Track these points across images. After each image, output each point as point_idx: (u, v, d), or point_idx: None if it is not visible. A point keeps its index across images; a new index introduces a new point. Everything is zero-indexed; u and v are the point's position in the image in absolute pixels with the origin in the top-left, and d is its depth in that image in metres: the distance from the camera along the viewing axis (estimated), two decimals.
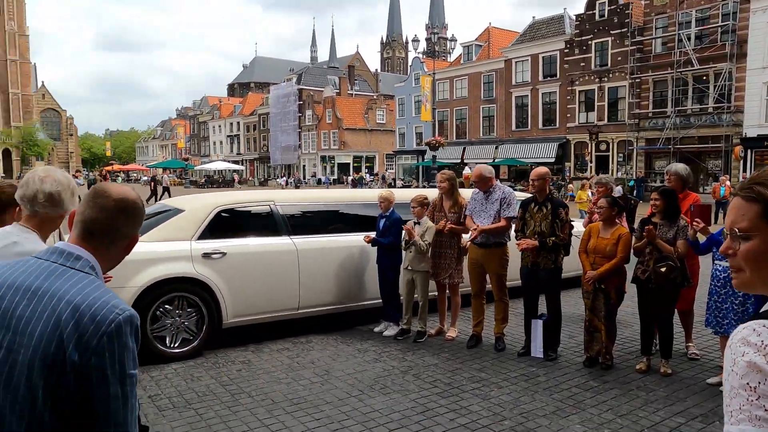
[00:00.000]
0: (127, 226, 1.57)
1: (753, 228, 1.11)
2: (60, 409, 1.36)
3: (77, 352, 1.34)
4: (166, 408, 4.43)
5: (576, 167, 38.90)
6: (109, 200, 1.54)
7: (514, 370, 5.29)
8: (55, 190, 2.23)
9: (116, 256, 1.60)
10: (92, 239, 1.52)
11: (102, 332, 1.35)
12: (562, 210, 5.53)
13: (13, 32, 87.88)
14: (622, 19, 35.64)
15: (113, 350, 1.36)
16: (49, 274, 1.43)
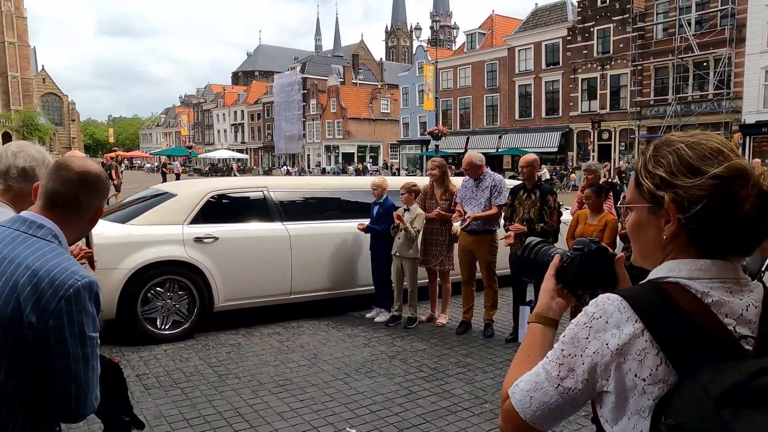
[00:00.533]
0: (89, 198, 1.60)
1: (632, 200, 1.11)
2: (17, 370, 1.42)
3: (35, 315, 1.39)
4: (153, 387, 4.51)
5: (579, 156, 38.77)
6: (71, 173, 1.57)
7: (500, 356, 5.34)
8: (29, 165, 2.26)
9: (81, 227, 1.64)
10: (55, 210, 1.56)
11: (60, 296, 1.40)
12: (551, 197, 5.56)
13: (10, 13, 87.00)
14: (623, 4, 35.25)
15: (71, 313, 1.41)
16: (11, 240, 1.47)
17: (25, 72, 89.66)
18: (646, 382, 0.97)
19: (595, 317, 1.01)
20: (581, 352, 1.02)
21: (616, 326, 0.99)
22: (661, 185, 1.03)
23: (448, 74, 47.97)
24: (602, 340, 1.00)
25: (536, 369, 1.09)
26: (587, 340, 1.01)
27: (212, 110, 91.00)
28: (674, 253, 1.06)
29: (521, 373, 1.12)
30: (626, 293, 1.02)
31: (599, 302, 1.03)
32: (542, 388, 1.06)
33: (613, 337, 0.98)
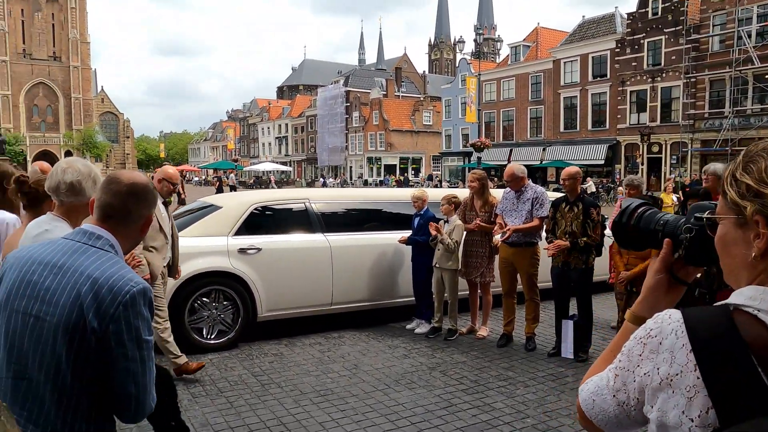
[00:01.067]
0: (138, 208, 1.72)
1: (719, 211, 1.00)
2: (81, 371, 1.53)
3: (96, 320, 1.50)
4: (199, 395, 4.62)
5: (626, 169, 37.89)
6: (121, 185, 1.70)
7: (542, 370, 5.27)
8: (76, 180, 2.39)
9: (134, 236, 1.76)
10: (109, 221, 1.68)
11: (118, 302, 1.51)
12: (594, 210, 5.48)
13: (75, 40, 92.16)
14: (677, 16, 34.56)
15: (129, 318, 1.52)
16: (73, 251, 1.60)
17: (86, 93, 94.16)
18: (694, 423, 0.85)
19: (651, 335, 0.93)
20: (633, 368, 0.96)
21: (670, 351, 0.90)
22: (746, 194, 0.91)
23: (491, 86, 47.77)
24: (654, 362, 0.92)
25: (605, 372, 1.04)
26: (640, 358, 0.95)
27: (257, 124, 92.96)
28: (763, 276, 0.91)
29: (599, 371, 1.08)
30: (690, 315, 0.92)
31: (659, 318, 0.95)
32: (603, 395, 1.02)
33: (665, 363, 0.90)
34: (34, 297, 1.55)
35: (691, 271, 1.14)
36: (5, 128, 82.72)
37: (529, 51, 45.81)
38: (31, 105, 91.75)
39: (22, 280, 1.58)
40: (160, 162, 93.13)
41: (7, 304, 1.59)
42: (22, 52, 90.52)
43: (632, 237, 1.19)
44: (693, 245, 1.06)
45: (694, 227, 1.05)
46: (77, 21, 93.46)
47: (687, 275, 1.13)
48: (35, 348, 1.53)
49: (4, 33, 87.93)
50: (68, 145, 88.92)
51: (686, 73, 33.90)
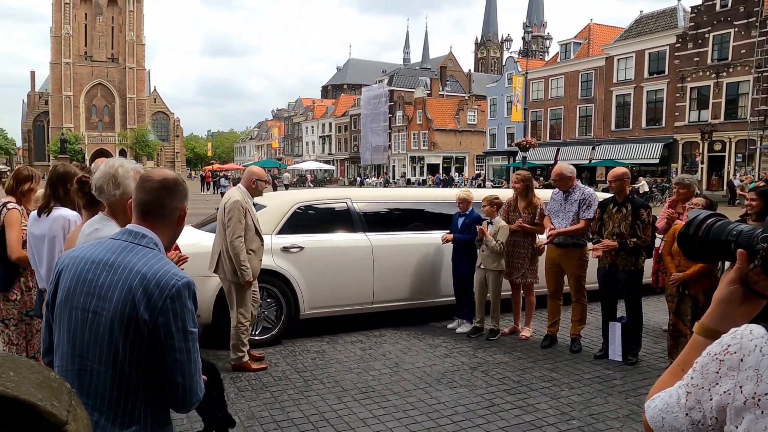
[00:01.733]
0: (172, 200, 1.82)
1: None
2: (137, 361, 1.64)
3: (147, 313, 1.61)
4: (245, 389, 4.71)
5: (684, 168, 36.64)
6: (153, 182, 1.81)
7: (588, 372, 5.15)
8: (98, 182, 2.51)
9: (172, 230, 1.86)
10: (148, 218, 1.79)
11: (166, 295, 1.62)
12: (644, 211, 5.32)
13: (132, 42, 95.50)
14: (749, 8, 32.98)
15: (176, 310, 1.63)
16: (122, 250, 1.72)
17: (140, 93, 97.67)
18: None
19: (730, 351, 0.89)
20: (710, 386, 0.91)
21: (755, 369, 0.85)
22: None
23: (539, 85, 47.03)
24: (736, 380, 0.87)
25: (674, 388, 1.00)
26: (717, 375, 0.90)
27: (302, 123, 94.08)
28: None
29: (666, 386, 1.04)
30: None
31: (738, 334, 0.90)
32: (673, 412, 0.98)
33: (749, 381, 0.85)
34: (91, 294, 1.67)
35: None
36: (66, 128, 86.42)
37: (580, 48, 44.86)
38: (90, 105, 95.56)
39: (78, 278, 1.70)
40: (207, 160, 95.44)
41: (67, 301, 1.71)
42: (83, 55, 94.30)
43: (700, 249, 1.13)
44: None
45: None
46: (134, 23, 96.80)
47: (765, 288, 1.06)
48: (95, 341, 1.65)
49: (68, 37, 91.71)
50: (122, 144, 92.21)
51: (758, 67, 32.38)
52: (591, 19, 46.50)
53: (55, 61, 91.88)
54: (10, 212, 3.94)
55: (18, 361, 0.90)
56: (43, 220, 3.48)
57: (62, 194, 3.54)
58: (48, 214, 3.48)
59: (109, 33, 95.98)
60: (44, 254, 3.47)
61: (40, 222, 3.49)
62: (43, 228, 3.46)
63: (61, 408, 0.79)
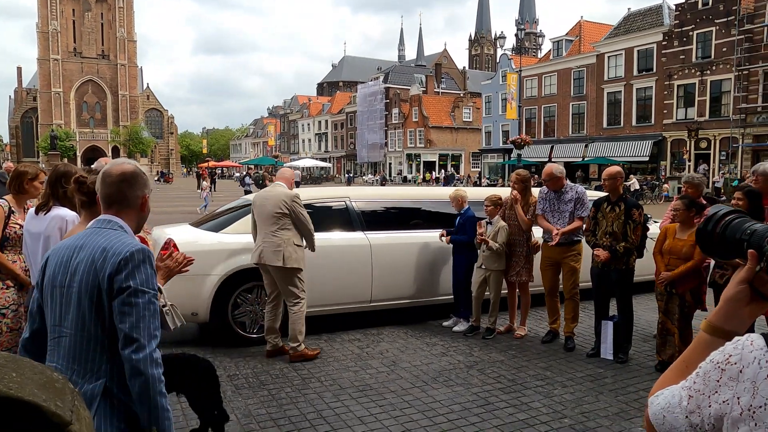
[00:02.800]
0: (132, 190, 2.06)
1: None
2: (102, 321, 1.88)
3: (107, 277, 1.86)
4: (242, 387, 4.78)
5: (673, 166, 36.92)
6: (113, 176, 2.05)
7: (580, 370, 5.25)
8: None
9: (137, 215, 2.10)
10: (112, 207, 2.05)
11: (120, 258, 1.87)
12: (636, 211, 5.41)
13: (123, 38, 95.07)
14: (729, 6, 33.36)
15: (128, 270, 1.87)
16: (92, 234, 2.00)
17: (132, 90, 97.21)
18: None
19: (731, 362, 0.88)
20: (710, 393, 0.92)
21: (752, 381, 0.85)
22: None
23: (532, 82, 47.16)
24: (734, 391, 0.87)
25: (677, 388, 1.01)
26: (717, 384, 0.90)
27: (298, 120, 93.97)
28: None
29: (670, 383, 1.04)
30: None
31: (740, 344, 0.89)
32: (674, 413, 0.98)
33: (746, 393, 0.86)
34: (67, 273, 1.93)
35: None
36: (57, 124, 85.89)
37: (571, 45, 45.01)
38: (81, 102, 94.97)
39: (59, 263, 1.96)
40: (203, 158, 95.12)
41: (50, 283, 1.97)
42: (72, 51, 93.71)
43: (717, 246, 1.12)
44: None
45: None
46: (125, 20, 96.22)
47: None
48: (68, 310, 1.91)
49: (56, 33, 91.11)
50: (115, 141, 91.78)
51: (738, 65, 32.76)
52: (581, 17, 46.63)
53: (42, 57, 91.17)
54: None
55: (21, 362, 0.94)
56: (40, 218, 3.49)
57: (62, 194, 3.56)
58: (46, 213, 3.50)
59: (98, 29, 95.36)
60: (39, 252, 3.47)
61: (38, 220, 3.50)
62: (40, 226, 3.47)
63: (65, 408, 0.81)
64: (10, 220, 3.97)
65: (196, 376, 3.56)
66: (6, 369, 0.87)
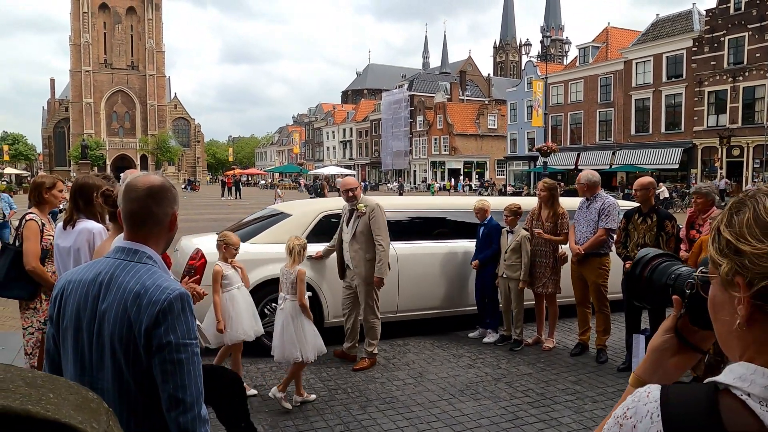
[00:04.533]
0: (159, 207, 1.79)
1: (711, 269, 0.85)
2: (139, 377, 1.66)
3: (143, 329, 1.62)
4: (268, 398, 4.77)
5: (704, 174, 36.18)
6: (138, 191, 1.77)
7: (611, 385, 5.14)
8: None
9: (165, 236, 1.84)
10: (139, 229, 1.77)
11: (158, 310, 1.62)
12: (669, 222, 5.30)
13: (151, 49, 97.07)
14: (762, 11, 32.66)
15: (168, 322, 1.63)
16: (116, 268, 1.73)
17: (161, 100, 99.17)
18: None
19: (627, 416, 0.81)
20: None
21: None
22: (726, 250, 0.79)
23: (558, 89, 46.78)
24: None
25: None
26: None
27: (322, 128, 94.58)
28: (754, 349, 0.78)
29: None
30: (670, 395, 0.79)
31: (638, 396, 0.82)
32: None
33: None
34: (94, 318, 1.69)
35: (707, 335, 0.96)
36: (87, 134, 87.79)
37: (598, 52, 44.57)
38: (111, 112, 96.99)
39: (82, 302, 1.72)
40: (228, 165, 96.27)
41: (72, 324, 1.73)
42: (103, 62, 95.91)
43: (644, 291, 1.05)
44: (694, 304, 0.92)
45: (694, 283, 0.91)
46: (153, 31, 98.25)
47: (701, 340, 0.96)
48: (100, 361, 1.68)
49: (88, 45, 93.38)
50: (143, 150, 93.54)
51: None
52: (608, 23, 46.11)
53: (74, 69, 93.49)
54: (28, 224, 4.03)
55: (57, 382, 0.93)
56: (68, 232, 3.53)
57: (83, 206, 3.59)
58: (73, 227, 3.53)
59: (128, 41, 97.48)
60: (70, 266, 3.50)
61: (66, 235, 3.54)
62: (69, 241, 3.50)
63: (100, 430, 0.79)
64: (44, 234, 4.05)
65: (224, 388, 3.56)
66: (43, 390, 0.86)
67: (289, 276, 4.73)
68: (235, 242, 4.83)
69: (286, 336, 4.62)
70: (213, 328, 4.56)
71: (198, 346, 1.69)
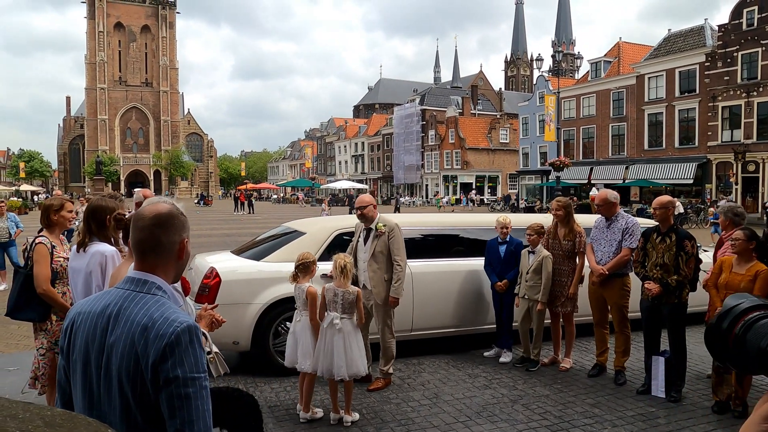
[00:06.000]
0: (167, 235, 1.77)
1: None
2: (147, 411, 1.62)
3: (151, 363, 1.59)
4: (283, 419, 4.73)
5: (719, 189, 35.82)
6: (145, 220, 1.77)
7: (630, 408, 5.03)
8: None
9: (173, 265, 1.81)
10: (147, 258, 1.76)
11: (165, 343, 1.59)
12: (688, 242, 5.21)
13: (165, 66, 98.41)
14: None
15: (176, 356, 1.59)
16: (124, 300, 1.70)
17: (174, 116, 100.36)
18: None
19: None
20: None
21: None
22: None
23: (570, 103, 46.70)
24: None
25: None
26: None
27: (334, 142, 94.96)
28: None
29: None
30: None
31: None
32: None
33: None
34: (102, 351, 1.67)
35: None
36: (102, 150, 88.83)
37: (610, 67, 44.50)
38: (125, 128, 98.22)
39: (90, 334, 1.69)
40: (241, 180, 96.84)
41: (81, 358, 1.70)
42: (118, 80, 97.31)
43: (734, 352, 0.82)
44: None
45: None
46: (167, 49, 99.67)
47: None
48: (108, 395, 1.65)
49: (103, 63, 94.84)
50: (157, 165, 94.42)
51: None
52: (620, 38, 46.06)
53: (90, 87, 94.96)
54: (37, 247, 4.07)
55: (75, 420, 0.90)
56: (81, 255, 3.53)
57: (96, 229, 3.59)
58: (86, 250, 3.53)
59: (142, 58, 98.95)
60: (80, 288, 3.50)
61: (80, 257, 3.54)
62: (82, 263, 3.50)
63: None
64: (54, 256, 4.07)
65: (240, 411, 3.52)
66: (62, 429, 0.86)
67: (348, 296, 4.71)
68: None
69: (350, 354, 4.62)
70: None
71: (206, 379, 1.65)
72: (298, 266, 4.82)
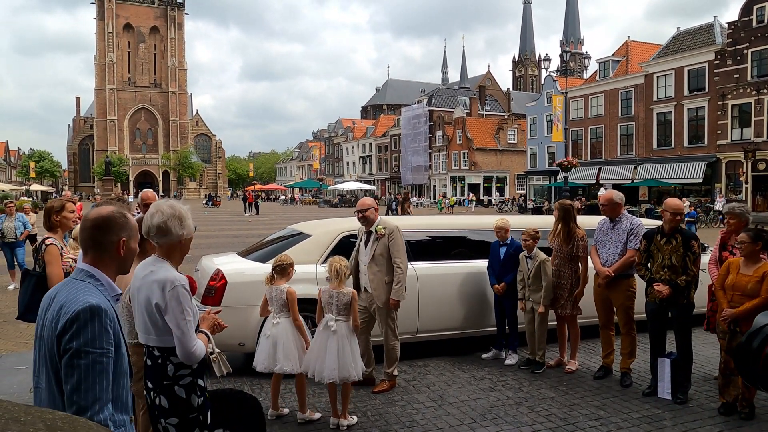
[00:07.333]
0: (104, 236, 2.02)
1: None
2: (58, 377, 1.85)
3: (56, 335, 1.84)
4: (288, 421, 4.75)
5: (728, 188, 35.57)
6: (87, 222, 2.04)
7: (636, 411, 5.01)
8: (162, 222, 2.58)
9: (113, 261, 2.05)
10: (88, 254, 2.03)
11: (68, 318, 1.82)
12: (695, 242, 5.19)
13: (174, 67, 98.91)
14: None
15: (74, 331, 1.81)
16: (63, 285, 2.00)
17: (183, 117, 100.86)
18: None
19: None
20: None
21: None
22: None
23: (578, 103, 46.52)
24: None
25: None
26: None
27: (342, 143, 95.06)
28: None
29: None
30: None
31: None
32: None
33: None
34: (42, 324, 1.95)
35: None
36: (111, 150, 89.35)
37: (618, 66, 44.29)
38: (134, 128, 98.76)
39: (41, 311, 1.98)
40: (249, 181, 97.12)
41: (36, 331, 1.99)
42: (127, 81, 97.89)
43: (762, 372, 0.78)
44: None
45: None
46: (176, 50, 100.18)
47: None
48: (41, 364, 1.92)
49: (112, 64, 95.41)
50: (165, 166, 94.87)
51: None
52: (628, 37, 45.81)
53: (99, 87, 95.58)
54: (48, 248, 4.08)
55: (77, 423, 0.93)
56: None
57: None
58: None
59: (151, 59, 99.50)
60: None
61: None
62: None
63: None
64: (63, 257, 4.10)
65: (243, 413, 3.54)
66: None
67: (343, 298, 4.72)
68: None
69: (342, 357, 4.61)
70: None
71: (105, 356, 1.81)
72: (276, 268, 4.85)
